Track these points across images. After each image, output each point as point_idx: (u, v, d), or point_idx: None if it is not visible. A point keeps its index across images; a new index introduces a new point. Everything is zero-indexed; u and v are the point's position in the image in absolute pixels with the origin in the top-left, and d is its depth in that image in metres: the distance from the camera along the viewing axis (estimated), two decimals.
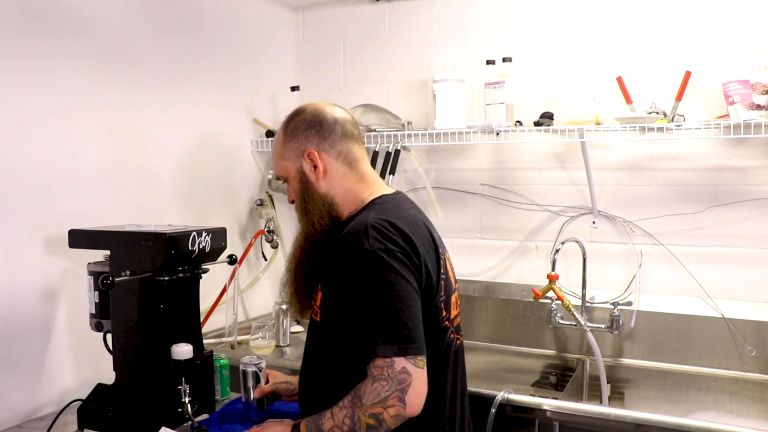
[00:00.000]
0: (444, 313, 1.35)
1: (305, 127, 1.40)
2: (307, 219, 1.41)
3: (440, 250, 1.40)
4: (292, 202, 1.47)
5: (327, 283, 1.36)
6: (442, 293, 1.35)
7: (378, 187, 1.46)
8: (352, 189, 1.42)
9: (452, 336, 1.39)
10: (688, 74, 2.07)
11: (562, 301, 2.14)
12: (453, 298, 1.42)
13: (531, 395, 1.95)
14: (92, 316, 1.65)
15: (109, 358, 1.59)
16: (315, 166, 1.39)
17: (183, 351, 1.56)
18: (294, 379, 1.65)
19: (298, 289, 1.44)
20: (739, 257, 2.16)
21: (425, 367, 1.21)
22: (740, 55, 2.08)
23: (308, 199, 1.40)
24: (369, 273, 1.22)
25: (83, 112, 1.93)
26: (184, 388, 1.54)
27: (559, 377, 2.31)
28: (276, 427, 1.39)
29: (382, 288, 1.22)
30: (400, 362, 1.18)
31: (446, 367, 1.38)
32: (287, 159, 1.42)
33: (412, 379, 1.18)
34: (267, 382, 1.64)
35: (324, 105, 1.45)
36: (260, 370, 1.63)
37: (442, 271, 1.36)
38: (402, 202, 1.44)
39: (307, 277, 1.43)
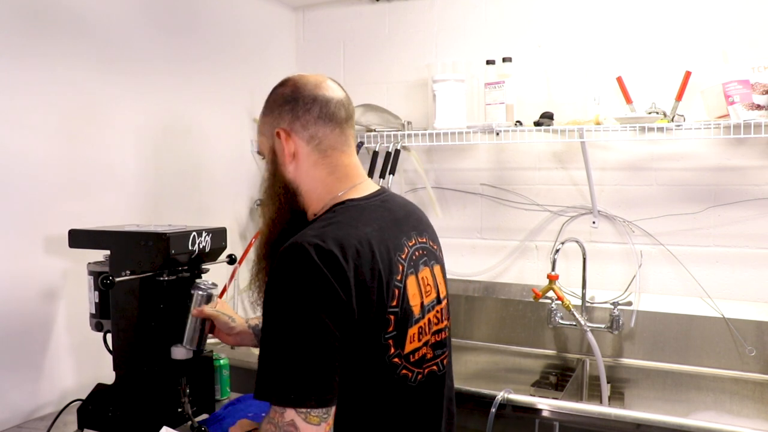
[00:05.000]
0: (392, 350, 1.15)
1: (281, 102, 1.24)
2: (269, 206, 1.28)
3: (399, 276, 1.16)
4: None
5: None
6: (391, 328, 1.14)
7: (352, 184, 1.24)
8: (322, 181, 1.24)
9: (404, 372, 1.18)
10: (688, 74, 2.07)
11: (562, 301, 2.14)
12: (414, 330, 1.19)
13: (531, 395, 1.95)
14: (92, 316, 1.65)
15: (109, 358, 1.59)
16: (283, 148, 1.23)
17: (182, 351, 1.56)
18: (240, 321, 1.53)
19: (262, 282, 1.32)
20: (739, 257, 2.16)
21: (322, 423, 1.05)
22: (740, 55, 2.08)
23: (273, 183, 1.26)
24: (285, 303, 1.06)
25: (83, 111, 1.93)
26: (184, 388, 1.55)
27: (559, 377, 2.31)
28: None
29: (293, 326, 1.05)
30: (290, 414, 1.04)
31: (397, 407, 1.20)
32: (263, 134, 1.28)
33: None
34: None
35: (310, 78, 1.26)
36: (210, 298, 1.53)
37: (394, 303, 1.14)
38: (367, 213, 1.20)
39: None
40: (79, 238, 1.61)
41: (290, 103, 1.22)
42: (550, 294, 2.17)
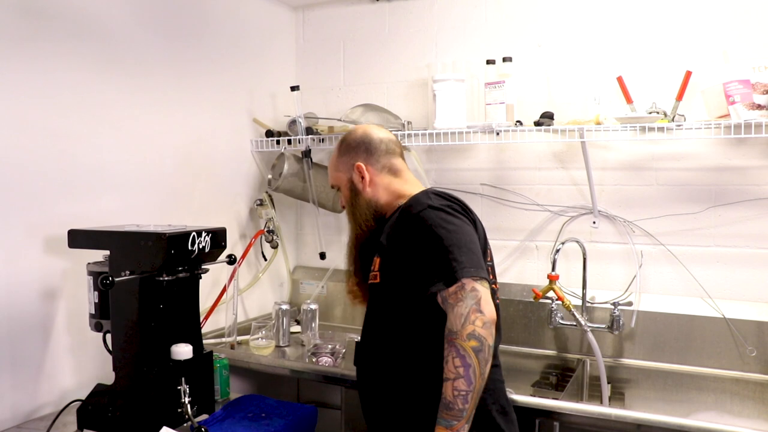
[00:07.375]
0: (491, 276, 1.56)
1: (355, 145, 1.63)
2: (355, 221, 1.62)
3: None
4: (344, 207, 1.67)
5: (386, 249, 1.50)
6: (489, 259, 1.57)
7: (424, 187, 1.64)
8: (398, 189, 1.61)
9: (497, 302, 1.53)
10: (688, 74, 2.07)
11: (563, 302, 2.14)
12: (494, 277, 1.62)
13: (531, 395, 1.95)
14: (92, 316, 1.65)
15: (109, 358, 1.59)
16: (362, 177, 1.60)
17: (183, 351, 1.56)
18: None
19: (359, 282, 1.63)
20: (740, 257, 2.16)
21: (487, 289, 1.36)
22: (741, 54, 2.08)
23: (355, 204, 1.62)
24: (438, 221, 1.41)
25: (83, 112, 1.93)
26: (184, 388, 1.55)
27: (559, 377, 2.31)
28: None
29: (451, 229, 1.40)
30: (469, 283, 1.33)
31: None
32: (340, 170, 1.65)
33: (481, 294, 1.33)
34: None
35: (370, 127, 1.69)
36: None
37: (489, 255, 1.59)
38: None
39: (362, 265, 1.61)
40: (79, 238, 1.61)
41: (363, 145, 1.62)
42: (551, 294, 2.17)
